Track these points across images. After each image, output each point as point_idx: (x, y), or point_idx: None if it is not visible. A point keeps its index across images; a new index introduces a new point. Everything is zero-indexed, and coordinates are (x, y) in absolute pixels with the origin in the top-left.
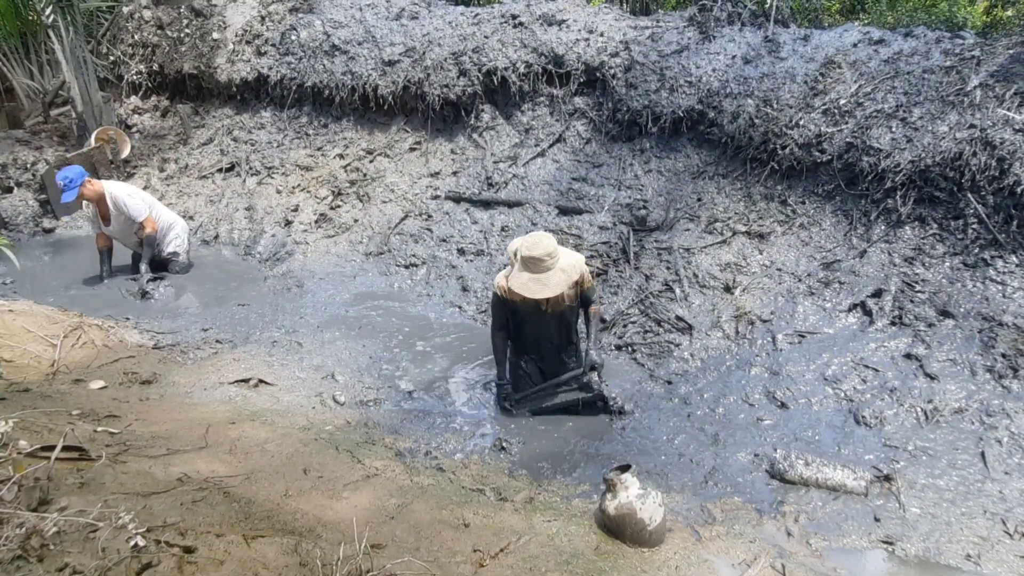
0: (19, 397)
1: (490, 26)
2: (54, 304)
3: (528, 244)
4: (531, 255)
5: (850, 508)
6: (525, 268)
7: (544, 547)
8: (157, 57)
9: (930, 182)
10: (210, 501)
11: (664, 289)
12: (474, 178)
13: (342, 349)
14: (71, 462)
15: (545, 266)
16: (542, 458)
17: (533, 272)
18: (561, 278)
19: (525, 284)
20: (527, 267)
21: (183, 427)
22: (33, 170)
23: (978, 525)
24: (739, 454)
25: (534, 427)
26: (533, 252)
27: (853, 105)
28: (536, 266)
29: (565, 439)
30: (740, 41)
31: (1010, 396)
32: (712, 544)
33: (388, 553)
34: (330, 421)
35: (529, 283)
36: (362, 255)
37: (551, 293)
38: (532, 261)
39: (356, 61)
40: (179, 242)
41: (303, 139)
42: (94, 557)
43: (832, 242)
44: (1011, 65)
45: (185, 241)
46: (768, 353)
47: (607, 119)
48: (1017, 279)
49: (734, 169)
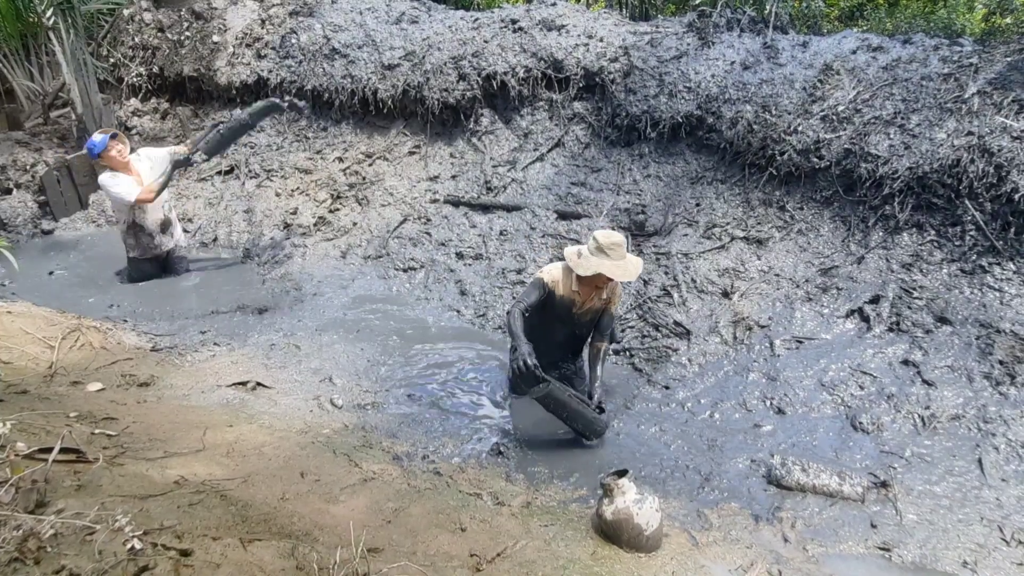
0: (17, 399)
1: (490, 31)
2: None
3: (605, 234)
4: (612, 241)
5: (847, 514)
6: (603, 255)
7: (541, 552)
8: (157, 60)
9: (928, 189)
10: (207, 504)
11: (662, 294)
12: (473, 182)
13: (340, 352)
14: (68, 464)
15: (622, 252)
16: (539, 463)
17: (614, 259)
18: (636, 265)
19: (609, 267)
20: (608, 254)
21: (180, 430)
22: (32, 172)
23: (975, 532)
24: (736, 460)
25: (532, 432)
26: (613, 239)
27: (851, 112)
28: (617, 251)
29: (562, 444)
30: (739, 47)
31: (1007, 403)
32: (709, 550)
33: (385, 557)
34: (328, 424)
35: (611, 266)
36: (361, 258)
37: (632, 277)
38: (613, 247)
39: (356, 65)
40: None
41: (302, 142)
42: (91, 560)
43: (830, 248)
44: (1009, 73)
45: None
46: (766, 359)
47: (606, 124)
48: (1015, 286)
49: (732, 175)
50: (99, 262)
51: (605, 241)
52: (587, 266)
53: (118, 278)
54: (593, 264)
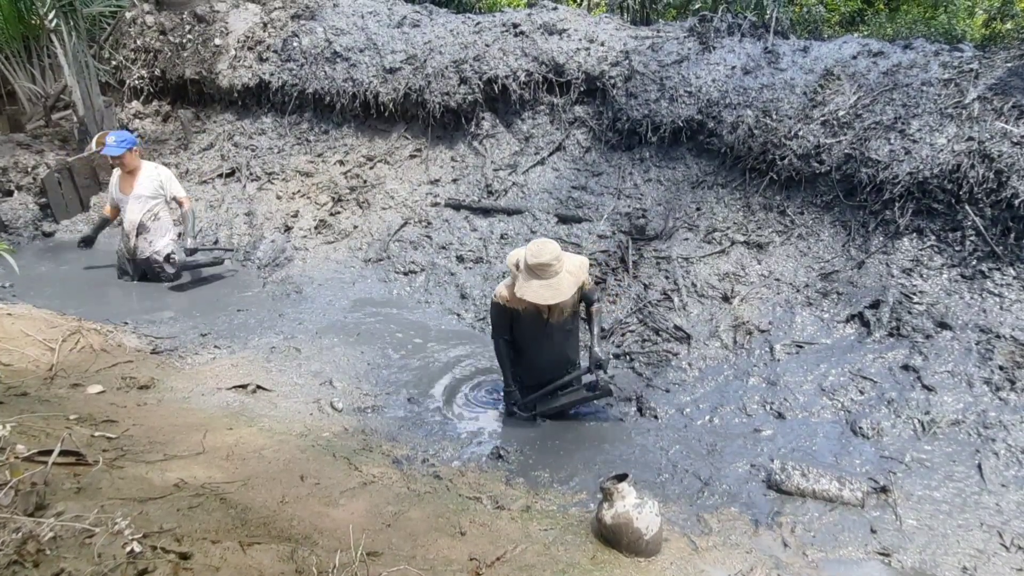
0: (17, 401)
1: (491, 35)
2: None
3: (533, 252)
4: (539, 262)
5: (847, 519)
6: (533, 276)
7: (540, 556)
8: (159, 62)
9: (928, 194)
10: (207, 507)
11: (663, 298)
12: (474, 186)
13: (340, 355)
14: (68, 467)
15: (553, 270)
16: (539, 466)
17: (542, 278)
18: (570, 281)
19: (536, 291)
20: (535, 274)
21: (180, 432)
22: (34, 174)
23: (975, 537)
24: (736, 464)
25: (532, 435)
26: (540, 259)
27: (852, 117)
28: (545, 272)
29: (563, 447)
30: (740, 52)
31: (1007, 408)
32: (708, 554)
33: (384, 561)
34: (328, 428)
35: (540, 290)
36: (361, 261)
37: (564, 297)
38: (540, 268)
39: (357, 68)
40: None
41: (304, 145)
42: (90, 563)
43: (830, 253)
44: (1009, 78)
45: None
46: (766, 363)
47: (607, 128)
48: (1015, 291)
49: (733, 179)
50: (102, 263)
51: (533, 262)
52: (519, 288)
53: (118, 279)
54: (523, 288)
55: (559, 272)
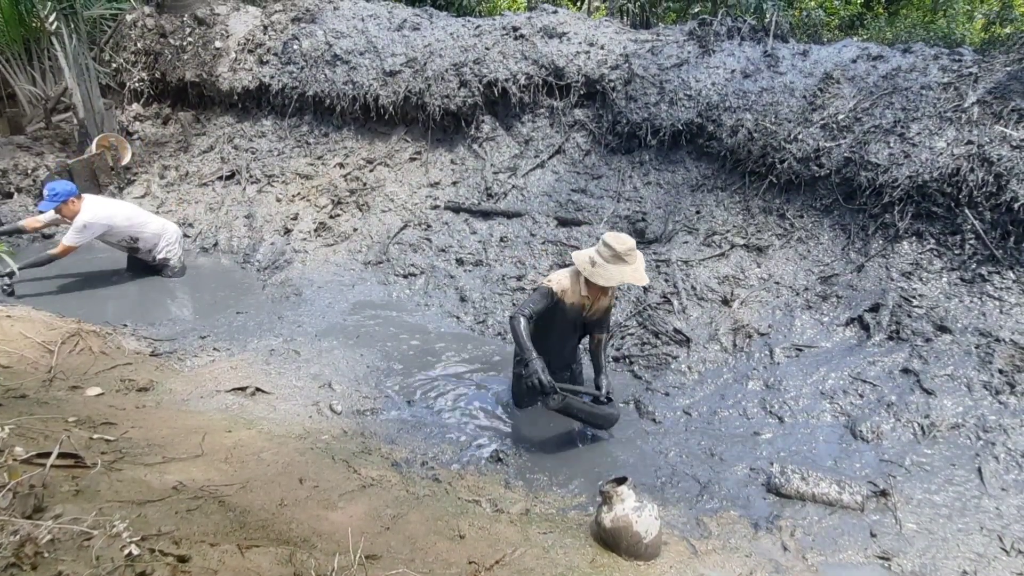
0: (15, 403)
1: (491, 38)
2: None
3: (618, 240)
4: (627, 247)
5: (846, 523)
6: (621, 262)
7: (539, 559)
8: (159, 65)
9: (928, 197)
10: (205, 510)
11: (662, 301)
12: (474, 188)
13: (340, 358)
14: (66, 469)
15: (635, 254)
16: (538, 470)
17: (630, 263)
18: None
19: (630, 274)
20: (624, 260)
21: (179, 435)
22: (34, 176)
23: (975, 541)
24: (736, 468)
25: (531, 439)
26: (627, 244)
27: (851, 120)
28: (631, 256)
29: (562, 451)
30: (739, 55)
31: (1007, 412)
32: (708, 558)
33: (383, 564)
34: (327, 430)
35: (632, 273)
36: (361, 264)
37: (647, 280)
38: (629, 253)
39: (357, 71)
40: (170, 248)
41: (304, 148)
42: (88, 565)
43: (830, 256)
44: (1009, 82)
45: (176, 246)
46: (765, 366)
47: (607, 131)
48: (1014, 295)
49: (733, 182)
50: (100, 264)
51: (621, 248)
52: (608, 276)
53: (116, 281)
54: (615, 274)
55: (637, 258)
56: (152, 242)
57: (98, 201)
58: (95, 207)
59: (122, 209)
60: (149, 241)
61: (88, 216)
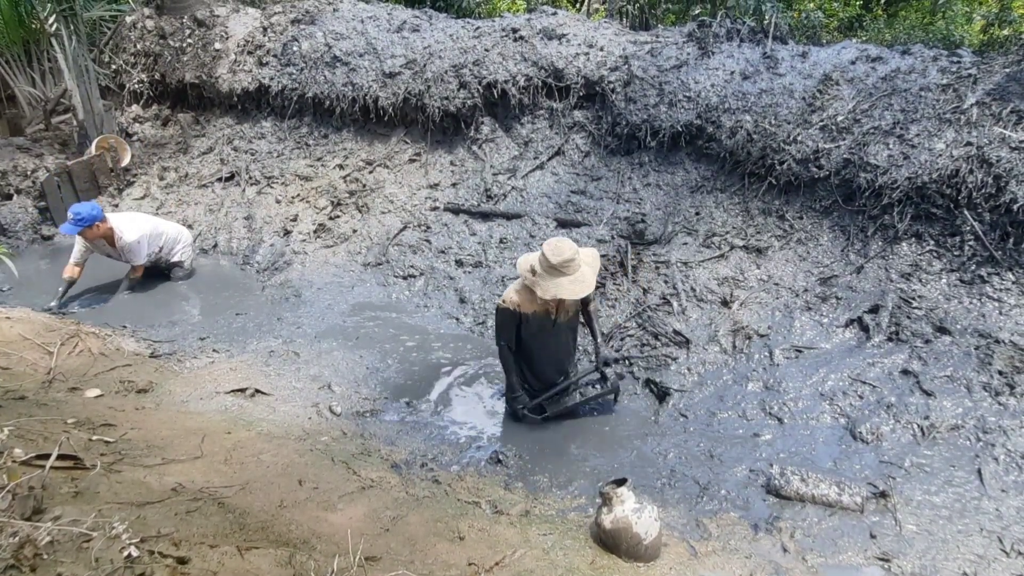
0: (15, 405)
1: (491, 39)
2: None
3: (554, 251)
4: (563, 259)
5: (846, 525)
6: (558, 274)
7: (539, 561)
8: (159, 66)
9: (927, 199)
10: (204, 511)
11: (662, 303)
12: (473, 190)
13: (339, 359)
14: (66, 471)
15: (576, 265)
16: (538, 471)
17: (567, 274)
18: (590, 273)
19: (566, 287)
20: (560, 272)
21: (179, 436)
22: (33, 177)
23: (974, 543)
24: (735, 469)
25: (530, 440)
26: (563, 255)
27: (850, 122)
28: (569, 267)
29: (561, 452)
30: (739, 57)
31: (1007, 413)
32: (708, 560)
33: (383, 566)
34: (326, 432)
35: (569, 285)
36: (360, 265)
37: (590, 289)
38: (565, 264)
39: (357, 72)
40: (185, 252)
41: (303, 149)
42: (87, 567)
43: (829, 257)
44: (1008, 84)
45: (190, 249)
46: (765, 368)
47: (606, 133)
48: (1014, 296)
49: (732, 184)
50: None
51: (556, 260)
52: (544, 288)
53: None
54: (549, 287)
55: (580, 266)
56: (169, 247)
57: (125, 217)
58: (127, 223)
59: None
60: (167, 246)
61: (134, 233)
